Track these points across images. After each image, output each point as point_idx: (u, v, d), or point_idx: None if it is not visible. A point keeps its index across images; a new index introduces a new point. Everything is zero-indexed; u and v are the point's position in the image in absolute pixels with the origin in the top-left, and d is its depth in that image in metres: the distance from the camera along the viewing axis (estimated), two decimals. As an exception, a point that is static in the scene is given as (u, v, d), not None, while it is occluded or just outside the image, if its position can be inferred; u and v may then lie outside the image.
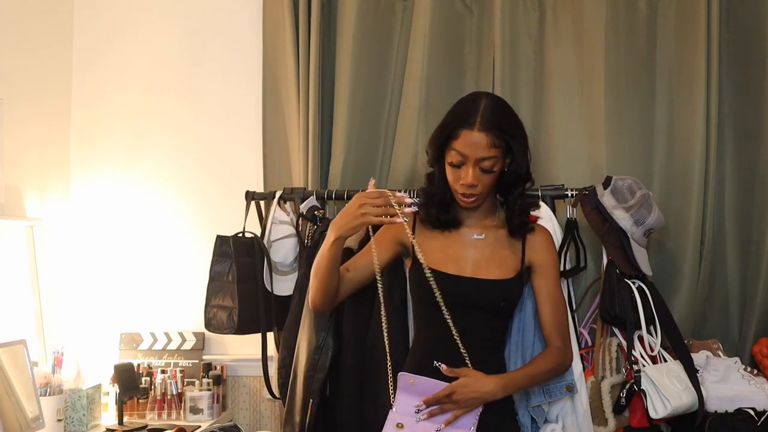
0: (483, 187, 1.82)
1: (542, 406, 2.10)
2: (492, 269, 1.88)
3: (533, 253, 1.91)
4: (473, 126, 1.77)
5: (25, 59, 2.62)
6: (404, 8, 2.67)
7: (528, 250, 1.91)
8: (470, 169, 1.79)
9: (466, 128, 1.78)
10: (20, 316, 2.51)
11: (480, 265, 1.88)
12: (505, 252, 1.90)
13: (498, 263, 1.89)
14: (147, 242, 2.86)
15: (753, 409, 2.15)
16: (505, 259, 1.89)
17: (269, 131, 2.72)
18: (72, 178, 2.90)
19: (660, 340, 2.23)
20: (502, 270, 1.88)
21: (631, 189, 2.25)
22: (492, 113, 1.79)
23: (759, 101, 2.47)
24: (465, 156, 1.78)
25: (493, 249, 1.91)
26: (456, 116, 1.83)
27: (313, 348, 2.23)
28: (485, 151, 1.77)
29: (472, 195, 1.83)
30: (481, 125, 1.77)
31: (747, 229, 2.50)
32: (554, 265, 1.95)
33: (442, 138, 1.84)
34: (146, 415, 2.63)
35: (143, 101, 2.89)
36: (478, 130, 1.77)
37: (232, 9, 2.87)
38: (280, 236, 2.46)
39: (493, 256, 1.90)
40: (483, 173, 1.80)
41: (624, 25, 2.54)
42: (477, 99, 1.83)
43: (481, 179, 1.80)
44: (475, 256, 1.89)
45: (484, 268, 1.88)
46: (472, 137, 1.77)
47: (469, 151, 1.78)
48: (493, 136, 1.77)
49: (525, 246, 1.92)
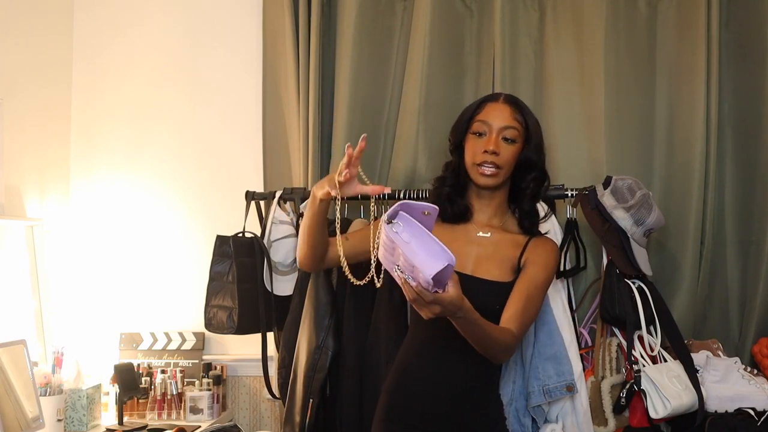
0: (504, 160, 1.88)
1: (542, 406, 2.11)
2: (491, 270, 1.88)
3: (529, 255, 1.89)
4: (498, 99, 1.93)
5: (24, 59, 2.62)
6: (404, 8, 2.67)
7: (526, 253, 1.90)
8: (493, 136, 1.87)
9: (491, 101, 1.93)
10: (20, 316, 2.51)
11: (481, 264, 1.88)
12: (506, 254, 1.90)
13: (498, 264, 1.88)
14: (147, 242, 2.86)
15: (753, 409, 2.15)
16: (504, 261, 1.89)
17: (269, 131, 2.72)
18: (72, 178, 2.90)
19: (660, 340, 2.23)
20: (501, 272, 1.88)
21: (631, 189, 2.25)
22: (513, 97, 1.97)
23: (759, 101, 2.47)
24: (489, 125, 1.89)
25: (495, 249, 1.91)
26: (478, 100, 1.98)
27: (313, 348, 2.23)
28: (509, 120, 1.89)
29: (493, 164, 1.86)
30: (505, 100, 1.93)
31: (747, 229, 2.50)
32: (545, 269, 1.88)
33: (466, 117, 1.95)
34: (146, 415, 2.63)
35: (144, 102, 2.90)
36: (502, 102, 1.92)
37: (232, 9, 2.87)
38: (280, 236, 2.46)
39: (494, 255, 1.90)
40: (506, 143, 1.88)
41: (624, 25, 2.54)
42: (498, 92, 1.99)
43: (503, 148, 1.87)
44: (478, 253, 1.90)
45: (484, 268, 1.88)
46: (496, 107, 1.91)
47: (493, 119, 1.89)
48: (515, 110, 1.91)
49: (525, 249, 1.90)
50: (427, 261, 1.43)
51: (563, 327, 2.16)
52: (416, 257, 1.44)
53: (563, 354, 2.11)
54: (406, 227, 1.46)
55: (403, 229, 1.46)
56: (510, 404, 2.11)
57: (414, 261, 1.44)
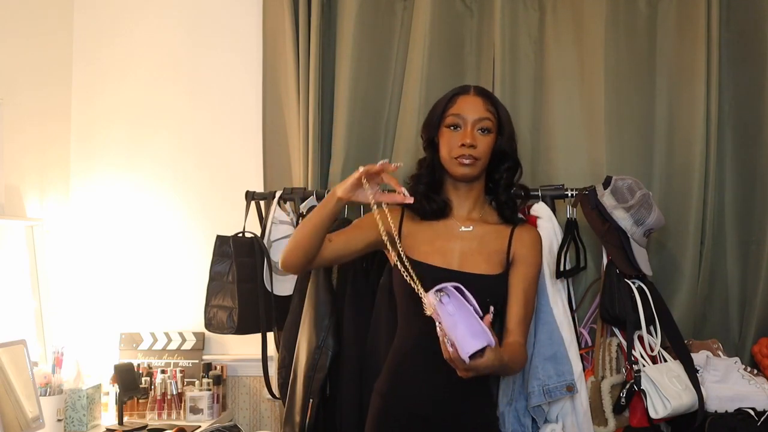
0: (480, 152, 1.89)
1: (542, 406, 2.11)
2: (479, 263, 1.88)
3: (518, 249, 1.92)
4: (469, 92, 1.94)
5: (25, 59, 2.62)
6: (404, 8, 2.67)
7: (514, 244, 1.92)
8: (468, 129, 1.88)
9: (462, 94, 1.94)
10: (20, 316, 2.51)
11: (467, 258, 1.88)
12: (492, 247, 1.90)
13: (485, 258, 1.89)
14: (147, 242, 2.87)
15: (753, 409, 2.15)
16: (492, 255, 1.89)
17: (269, 131, 2.72)
18: (72, 178, 2.90)
19: (660, 340, 2.23)
20: (489, 265, 1.88)
21: (631, 189, 2.25)
22: (484, 89, 1.99)
23: (759, 101, 2.46)
24: (463, 118, 1.89)
25: (480, 242, 1.91)
26: (449, 93, 1.97)
27: (313, 348, 2.23)
28: (482, 112, 1.90)
29: (470, 157, 1.87)
30: (476, 92, 1.94)
31: (747, 229, 2.50)
32: (535, 264, 1.93)
33: (438, 111, 1.95)
34: (146, 415, 2.63)
35: (144, 102, 2.90)
36: (474, 95, 1.93)
37: (232, 8, 2.87)
38: (280, 236, 2.46)
39: (480, 249, 1.90)
40: (481, 134, 1.89)
41: (624, 25, 2.54)
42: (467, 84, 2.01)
43: (479, 140, 1.89)
44: (462, 248, 1.89)
45: (471, 262, 1.87)
46: (469, 99, 1.92)
47: (467, 111, 1.90)
48: (487, 102, 1.92)
49: (512, 240, 1.92)
50: (466, 339, 1.49)
51: (563, 327, 2.16)
52: (456, 332, 1.49)
53: (563, 354, 2.11)
54: (453, 300, 1.52)
55: (449, 300, 1.52)
56: (510, 404, 2.11)
57: (454, 335, 1.49)
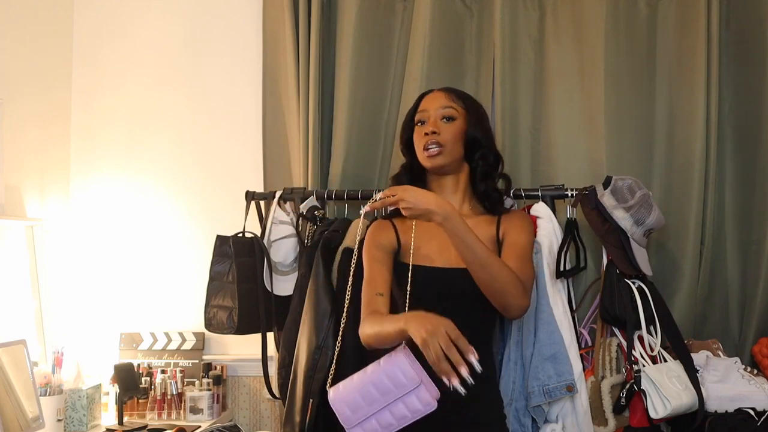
0: (445, 138, 1.93)
1: (542, 406, 2.11)
2: None
3: (506, 229, 1.94)
4: (433, 91, 2.04)
5: (25, 59, 2.62)
6: (404, 8, 2.67)
7: (502, 227, 1.95)
8: (431, 119, 1.96)
9: (427, 94, 2.04)
10: (20, 316, 2.51)
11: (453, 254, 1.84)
12: (483, 234, 1.89)
13: None
14: (147, 242, 2.86)
15: (753, 409, 2.15)
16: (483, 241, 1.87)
17: (269, 131, 2.72)
18: (72, 178, 2.90)
19: (660, 340, 2.23)
20: None
21: (631, 189, 2.25)
22: (449, 87, 2.06)
23: (759, 101, 2.46)
24: (427, 112, 1.98)
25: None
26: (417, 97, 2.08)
27: (313, 348, 2.23)
28: (444, 102, 1.98)
29: (436, 144, 1.91)
30: (440, 89, 2.03)
31: (747, 229, 2.50)
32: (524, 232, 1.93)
33: (409, 116, 2.03)
34: (146, 415, 2.63)
35: (144, 103, 2.90)
36: (437, 91, 2.03)
37: (231, 9, 2.87)
38: (280, 236, 2.46)
39: None
40: (445, 122, 1.95)
41: (624, 25, 2.54)
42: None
43: (442, 127, 1.94)
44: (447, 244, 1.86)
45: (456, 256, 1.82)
46: (432, 96, 2.02)
47: (430, 105, 1.99)
48: (451, 94, 2.00)
49: (499, 224, 1.95)
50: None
51: (563, 327, 2.16)
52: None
53: (563, 354, 2.11)
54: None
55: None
56: (510, 404, 2.11)
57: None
